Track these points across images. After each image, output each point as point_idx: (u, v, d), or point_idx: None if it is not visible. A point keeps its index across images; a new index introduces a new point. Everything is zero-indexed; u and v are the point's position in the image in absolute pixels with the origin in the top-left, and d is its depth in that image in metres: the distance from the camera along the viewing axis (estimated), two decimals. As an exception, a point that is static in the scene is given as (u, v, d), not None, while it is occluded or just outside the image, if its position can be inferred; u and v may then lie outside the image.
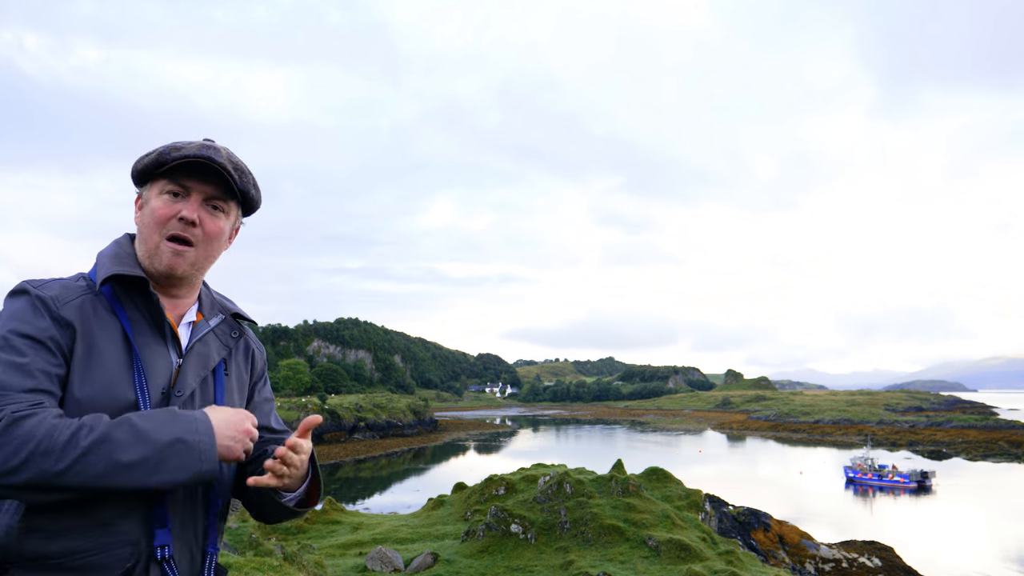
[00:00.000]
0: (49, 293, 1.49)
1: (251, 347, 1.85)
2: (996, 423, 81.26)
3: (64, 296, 1.50)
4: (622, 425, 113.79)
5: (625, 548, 14.79)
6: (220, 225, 1.65)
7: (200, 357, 1.65)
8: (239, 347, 1.79)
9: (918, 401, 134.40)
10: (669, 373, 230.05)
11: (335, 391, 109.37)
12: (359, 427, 77.78)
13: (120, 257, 1.59)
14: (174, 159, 1.56)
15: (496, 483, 19.79)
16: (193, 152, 1.57)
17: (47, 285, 1.51)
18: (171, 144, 1.61)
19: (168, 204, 1.59)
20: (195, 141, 1.62)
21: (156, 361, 1.55)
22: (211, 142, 1.64)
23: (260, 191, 1.74)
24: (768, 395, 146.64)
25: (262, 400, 1.86)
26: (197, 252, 1.62)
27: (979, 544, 30.04)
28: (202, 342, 1.67)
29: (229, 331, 1.76)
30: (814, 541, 21.46)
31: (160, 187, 1.60)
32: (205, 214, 1.62)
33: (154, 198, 1.60)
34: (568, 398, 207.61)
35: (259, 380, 1.86)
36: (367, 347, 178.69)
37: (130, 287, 1.58)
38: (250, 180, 1.68)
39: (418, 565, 14.43)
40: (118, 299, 1.56)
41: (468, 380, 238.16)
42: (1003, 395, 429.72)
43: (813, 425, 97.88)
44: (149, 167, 1.60)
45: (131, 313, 1.56)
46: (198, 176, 1.60)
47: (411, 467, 56.78)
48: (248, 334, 1.85)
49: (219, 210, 1.64)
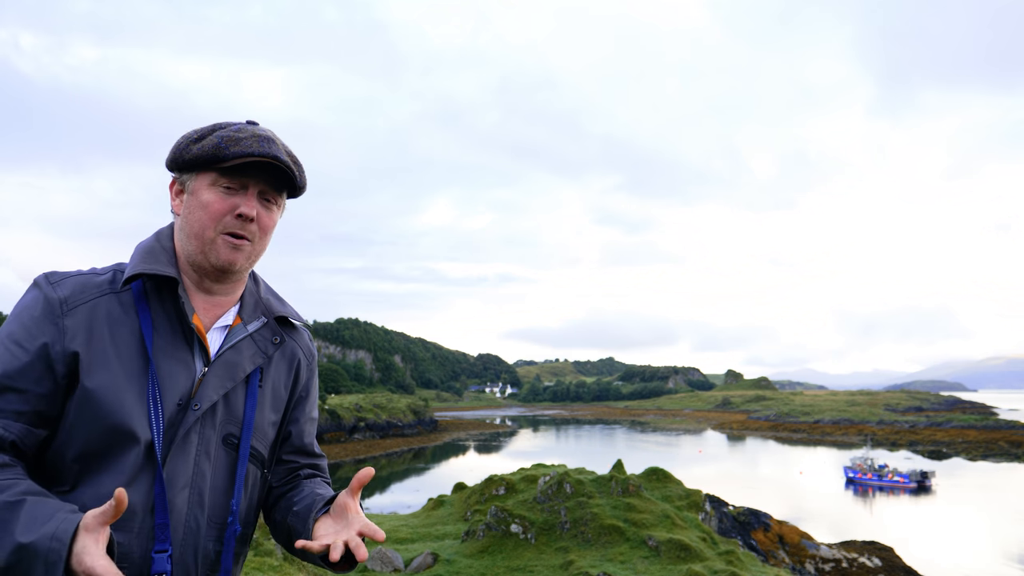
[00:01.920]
0: (60, 294, 1.38)
1: (297, 356, 1.63)
2: (996, 423, 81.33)
3: (76, 298, 1.39)
4: (622, 425, 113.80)
5: (625, 548, 14.79)
6: (275, 218, 1.55)
7: (228, 367, 1.47)
8: (282, 355, 1.60)
9: (918, 401, 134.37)
10: (669, 373, 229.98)
11: (335, 391, 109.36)
12: (359, 427, 77.77)
13: (154, 253, 1.46)
14: (234, 156, 1.43)
15: (496, 483, 19.79)
16: (256, 150, 1.44)
17: (63, 283, 1.40)
18: (223, 132, 1.46)
19: (223, 198, 1.46)
20: (245, 127, 1.48)
21: (175, 369, 1.41)
22: (258, 126, 1.52)
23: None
24: (768, 395, 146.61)
25: (304, 419, 1.66)
26: (254, 247, 1.51)
27: (979, 544, 30.05)
28: (234, 349, 1.50)
29: (270, 336, 1.57)
30: (814, 541, 21.47)
31: (212, 179, 1.46)
32: (261, 208, 1.50)
33: (205, 190, 1.46)
34: (568, 398, 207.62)
35: (301, 395, 1.65)
36: (367, 347, 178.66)
37: (160, 285, 1.45)
38: (304, 171, 1.57)
39: (418, 565, 14.43)
40: (146, 298, 1.43)
41: (468, 380, 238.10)
42: (1003, 395, 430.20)
43: (813, 425, 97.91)
44: (203, 160, 1.44)
45: (156, 315, 1.43)
46: (257, 172, 1.47)
47: (411, 467, 56.81)
48: (297, 341, 1.65)
49: (271, 203, 1.53)
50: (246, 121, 1.52)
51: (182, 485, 1.39)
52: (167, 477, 1.37)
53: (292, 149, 1.56)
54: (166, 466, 1.37)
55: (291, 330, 1.65)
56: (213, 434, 1.45)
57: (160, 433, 1.36)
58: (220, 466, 1.46)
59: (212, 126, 1.49)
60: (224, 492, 1.46)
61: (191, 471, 1.41)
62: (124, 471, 1.34)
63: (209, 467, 1.44)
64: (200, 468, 1.42)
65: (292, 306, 1.68)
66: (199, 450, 1.42)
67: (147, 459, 1.36)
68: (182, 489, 1.39)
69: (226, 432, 1.47)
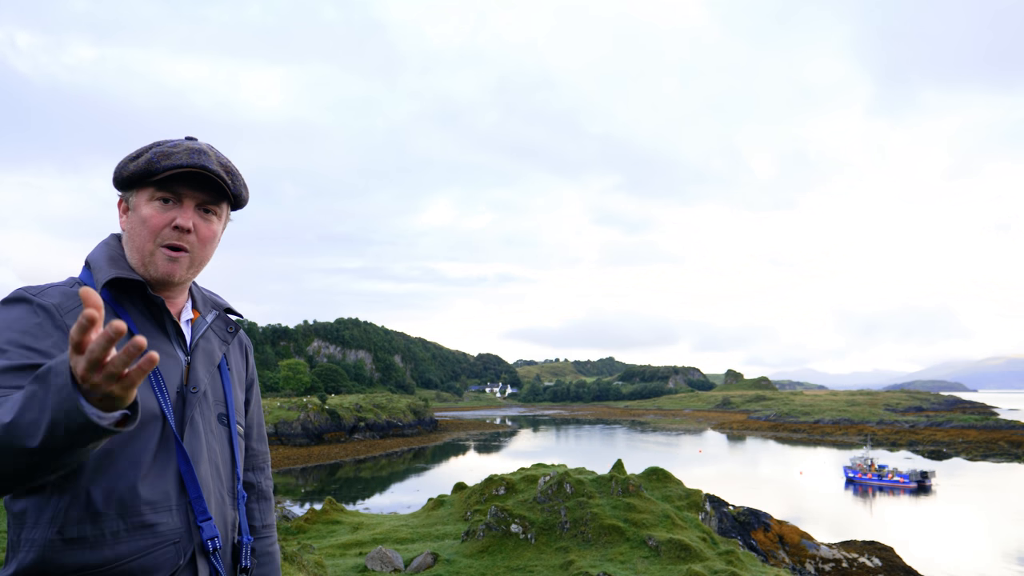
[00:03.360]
0: (51, 301, 1.43)
1: (243, 342, 1.85)
2: (996, 423, 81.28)
3: (66, 304, 1.45)
4: (622, 425, 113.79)
5: (625, 548, 14.80)
6: (214, 229, 1.62)
7: (206, 353, 1.64)
8: (234, 342, 1.80)
9: (918, 401, 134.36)
10: (669, 373, 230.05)
11: (335, 391, 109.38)
12: (359, 427, 77.82)
13: (115, 260, 1.55)
14: (165, 169, 1.51)
15: (496, 483, 19.80)
16: (185, 162, 1.51)
17: (47, 292, 1.45)
18: (157, 149, 1.54)
19: (160, 212, 1.54)
20: (180, 143, 1.57)
21: (166, 360, 1.53)
22: (195, 141, 1.60)
23: (248, 187, 1.69)
24: (768, 395, 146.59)
25: (254, 402, 1.86)
26: (192, 257, 1.59)
27: (979, 544, 30.04)
28: (205, 338, 1.66)
29: (225, 327, 1.75)
30: (814, 541, 21.47)
31: (149, 194, 1.55)
32: (199, 219, 1.58)
33: (143, 205, 1.55)
34: (568, 398, 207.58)
35: (252, 378, 1.86)
36: (367, 347, 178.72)
37: (129, 290, 1.55)
38: (240, 181, 1.64)
39: (418, 565, 14.43)
40: (119, 302, 1.52)
41: (468, 380, 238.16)
42: (1003, 395, 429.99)
43: (813, 425, 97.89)
44: (137, 175, 1.54)
45: (134, 316, 1.53)
46: (190, 183, 1.55)
47: (411, 467, 56.78)
48: (241, 331, 1.86)
49: (211, 213, 1.61)
50: (185, 137, 1.62)
51: (203, 460, 1.53)
52: (190, 454, 1.49)
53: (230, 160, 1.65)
54: (185, 444, 1.50)
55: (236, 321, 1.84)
56: (211, 414, 1.61)
57: (171, 416, 1.49)
58: (222, 441, 1.63)
59: (150, 144, 1.59)
60: (229, 463, 1.64)
61: (204, 447, 1.55)
62: (145, 454, 1.43)
63: (216, 442, 1.60)
64: (211, 444, 1.58)
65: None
66: (205, 428, 1.57)
67: (164, 440, 1.46)
68: (203, 464, 1.53)
69: (218, 412, 1.64)
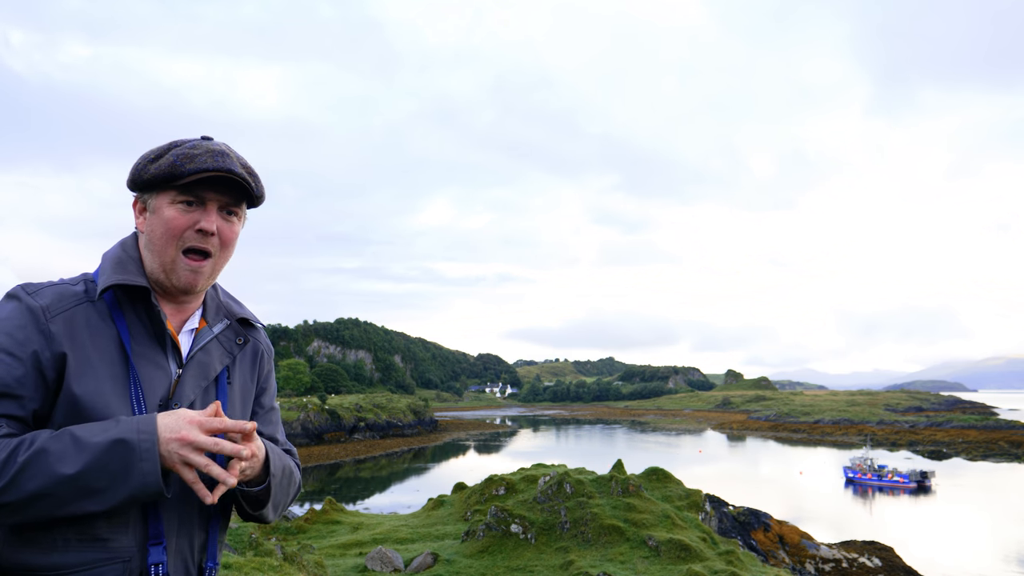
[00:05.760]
0: (41, 302, 1.42)
1: (259, 351, 1.76)
2: (996, 423, 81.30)
3: (56, 306, 1.44)
4: (622, 425, 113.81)
5: (625, 548, 14.80)
6: (236, 230, 1.62)
7: (200, 367, 1.58)
8: (245, 354, 1.72)
9: (918, 401, 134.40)
10: (669, 373, 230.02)
11: (335, 391, 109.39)
12: (359, 427, 77.84)
13: (123, 263, 1.53)
14: (190, 173, 1.50)
15: (496, 483, 19.80)
16: (210, 165, 1.51)
17: (41, 292, 1.45)
18: (178, 150, 1.53)
19: (183, 214, 1.53)
20: (199, 143, 1.55)
21: (154, 372, 1.49)
22: (212, 141, 1.58)
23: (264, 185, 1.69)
24: (768, 395, 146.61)
25: (266, 409, 1.78)
26: (215, 262, 1.58)
27: (979, 544, 30.05)
28: (204, 351, 1.60)
29: (234, 337, 1.69)
30: (814, 541, 21.48)
31: (171, 197, 1.53)
32: (222, 222, 1.57)
33: (165, 207, 1.53)
34: (568, 398, 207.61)
35: (263, 387, 1.78)
36: (367, 347, 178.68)
37: (132, 294, 1.53)
38: (261, 181, 1.64)
39: (418, 565, 14.43)
40: (119, 306, 1.50)
41: (468, 380, 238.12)
42: (1003, 395, 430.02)
43: (813, 425, 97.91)
44: (160, 179, 1.52)
45: (131, 322, 1.50)
46: (214, 186, 1.54)
47: (411, 467, 56.81)
48: (257, 337, 1.78)
49: (233, 215, 1.60)
50: (201, 137, 1.60)
51: (171, 479, 1.43)
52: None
53: (247, 160, 1.63)
54: None
55: (252, 329, 1.77)
56: None
57: None
58: None
59: (168, 144, 1.57)
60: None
61: None
62: None
63: None
64: None
65: (248, 309, 1.80)
66: None
67: None
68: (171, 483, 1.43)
69: None
